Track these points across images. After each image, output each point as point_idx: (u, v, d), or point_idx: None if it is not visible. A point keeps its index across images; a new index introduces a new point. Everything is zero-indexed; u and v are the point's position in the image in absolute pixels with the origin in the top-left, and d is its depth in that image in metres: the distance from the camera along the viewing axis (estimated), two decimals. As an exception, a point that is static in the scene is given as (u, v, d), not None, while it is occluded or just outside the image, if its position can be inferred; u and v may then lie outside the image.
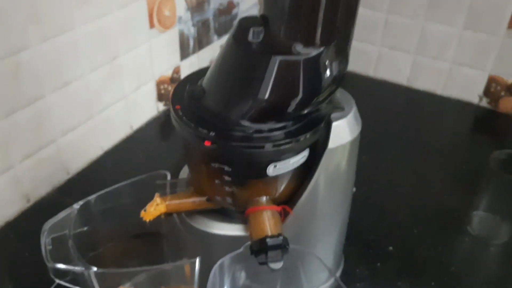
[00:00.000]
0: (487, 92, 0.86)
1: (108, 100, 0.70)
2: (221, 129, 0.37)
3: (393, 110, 0.88)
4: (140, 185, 0.48)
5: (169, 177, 0.47)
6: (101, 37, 0.64)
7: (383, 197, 0.66)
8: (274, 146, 0.37)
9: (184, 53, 0.83)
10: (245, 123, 0.37)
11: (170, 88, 0.82)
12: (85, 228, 0.45)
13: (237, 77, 0.37)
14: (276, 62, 0.36)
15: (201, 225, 0.43)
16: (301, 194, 0.42)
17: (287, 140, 0.37)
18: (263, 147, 0.36)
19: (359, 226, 0.59)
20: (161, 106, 0.82)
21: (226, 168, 0.38)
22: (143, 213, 0.42)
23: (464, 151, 0.77)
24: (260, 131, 0.37)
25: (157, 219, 0.44)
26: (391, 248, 0.58)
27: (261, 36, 0.36)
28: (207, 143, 0.36)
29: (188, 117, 0.38)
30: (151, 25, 0.73)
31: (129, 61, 0.71)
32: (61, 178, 0.66)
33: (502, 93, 0.85)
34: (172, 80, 0.82)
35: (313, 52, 0.36)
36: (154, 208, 0.41)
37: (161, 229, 0.45)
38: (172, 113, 0.39)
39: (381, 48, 0.92)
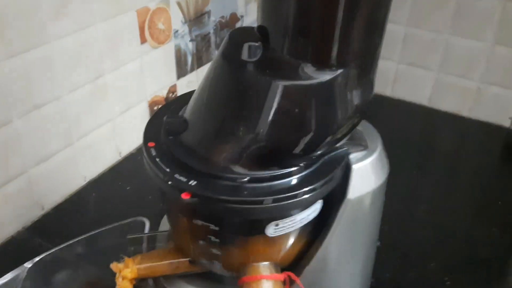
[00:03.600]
0: (520, 114, 0.76)
1: (90, 124, 0.61)
2: (206, 176, 0.28)
3: (412, 134, 0.78)
4: (113, 236, 0.39)
5: (147, 226, 0.38)
6: (82, 53, 0.56)
7: (406, 241, 0.56)
8: (275, 200, 0.27)
9: (181, 71, 0.74)
10: (238, 168, 0.28)
11: (165, 109, 0.74)
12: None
13: (228, 107, 0.29)
14: (278, 88, 0.27)
15: (183, 292, 0.34)
16: (310, 257, 0.33)
17: (293, 193, 0.28)
18: (261, 202, 0.27)
19: (381, 279, 0.49)
20: (154, 129, 0.73)
21: (213, 227, 0.29)
22: (122, 268, 0.33)
23: (497, 184, 0.67)
24: (257, 180, 0.28)
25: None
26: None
27: (259, 53, 0.27)
28: (186, 196, 0.27)
29: (164, 158, 0.29)
30: (142, 40, 0.65)
31: (116, 80, 0.62)
32: (34, 214, 0.57)
33: (538, 116, 0.75)
34: (167, 100, 0.73)
35: (328, 75, 0.27)
36: (122, 279, 0.32)
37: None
38: (144, 153, 0.30)
39: (400, 65, 0.83)
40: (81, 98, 0.58)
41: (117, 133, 0.66)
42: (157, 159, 0.29)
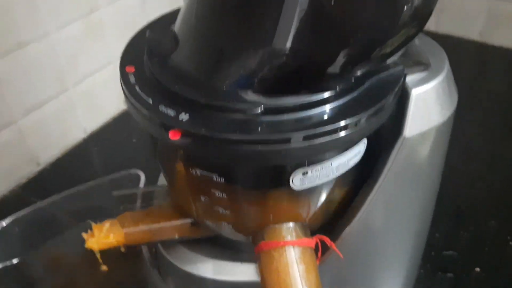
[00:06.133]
0: None
1: (88, 67, 0.53)
2: (202, 107, 0.20)
3: (461, 75, 0.67)
4: (97, 194, 0.32)
5: (142, 179, 0.31)
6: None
7: (460, 195, 0.47)
8: (306, 138, 0.19)
9: None
10: (249, 95, 0.20)
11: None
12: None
13: (233, 10, 0.20)
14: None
15: (185, 263, 0.26)
16: (351, 216, 0.24)
17: (328, 127, 0.19)
18: (283, 141, 0.19)
19: (429, 239, 0.41)
20: (164, 75, 0.65)
21: (216, 177, 0.21)
22: (87, 238, 0.25)
23: None
24: (276, 110, 0.20)
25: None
26: (478, 269, 0.41)
27: None
28: (174, 135, 0.19)
29: (146, 86, 0.21)
30: (143, -33, 0.56)
31: (114, 14, 0.54)
32: (28, 170, 0.51)
33: None
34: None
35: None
36: (104, 235, 0.25)
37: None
38: (120, 80, 0.22)
39: (445, -7, 0.71)
40: (72, 37, 0.50)
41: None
42: (137, 87, 0.21)
